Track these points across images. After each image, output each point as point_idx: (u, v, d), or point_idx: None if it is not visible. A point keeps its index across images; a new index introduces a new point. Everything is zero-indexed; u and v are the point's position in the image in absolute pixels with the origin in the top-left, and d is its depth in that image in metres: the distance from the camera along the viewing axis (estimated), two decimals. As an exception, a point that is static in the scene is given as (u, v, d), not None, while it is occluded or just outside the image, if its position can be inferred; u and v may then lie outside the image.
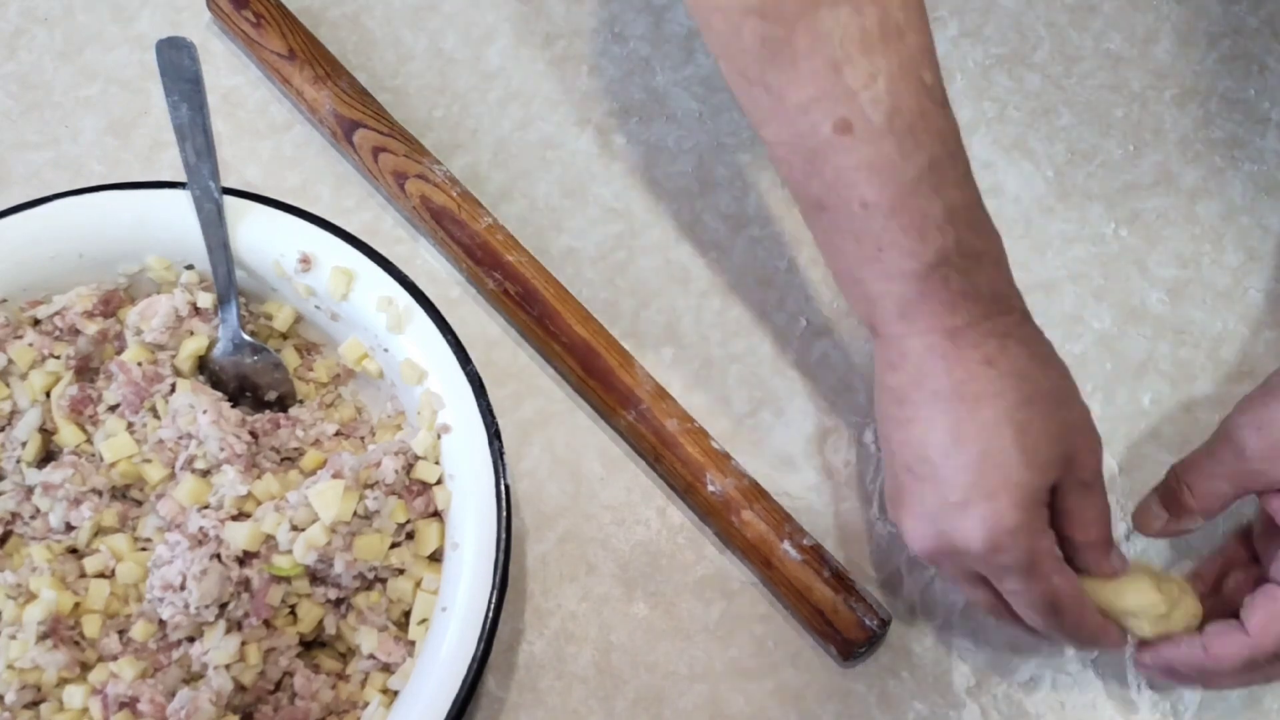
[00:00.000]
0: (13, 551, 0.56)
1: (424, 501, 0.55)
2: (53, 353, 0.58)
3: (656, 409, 0.62)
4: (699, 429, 0.62)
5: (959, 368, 0.49)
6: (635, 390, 0.62)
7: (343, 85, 0.70)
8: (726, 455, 0.61)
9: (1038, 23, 0.76)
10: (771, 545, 0.59)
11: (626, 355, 0.63)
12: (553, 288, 0.65)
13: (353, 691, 0.55)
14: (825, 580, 0.58)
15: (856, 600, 0.58)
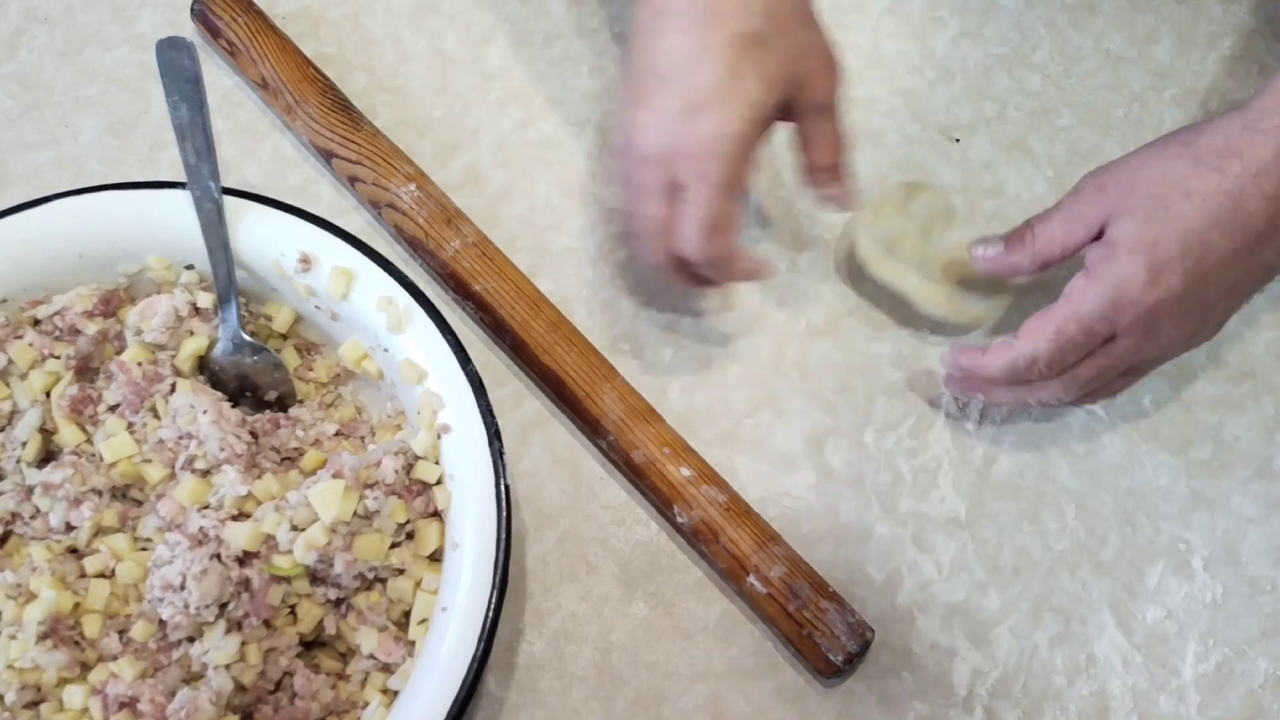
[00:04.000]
0: (13, 551, 0.56)
1: (424, 501, 0.55)
2: (53, 353, 0.58)
3: (624, 439, 0.61)
4: (670, 454, 0.61)
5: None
6: (601, 421, 0.62)
7: (311, 112, 0.69)
8: (701, 477, 0.61)
9: (1038, 23, 0.76)
10: (739, 577, 0.59)
11: (598, 379, 0.63)
12: (520, 313, 0.64)
13: (353, 691, 0.55)
14: (791, 615, 0.58)
15: (822, 634, 0.57)
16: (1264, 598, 0.61)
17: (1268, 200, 0.52)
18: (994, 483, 0.63)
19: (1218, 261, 0.53)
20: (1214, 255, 0.53)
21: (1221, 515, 0.63)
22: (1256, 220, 0.52)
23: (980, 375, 0.59)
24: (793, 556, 0.59)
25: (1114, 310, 0.54)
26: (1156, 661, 0.60)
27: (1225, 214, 0.53)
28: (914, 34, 0.75)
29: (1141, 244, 0.53)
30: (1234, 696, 0.59)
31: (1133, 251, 0.53)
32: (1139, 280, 0.53)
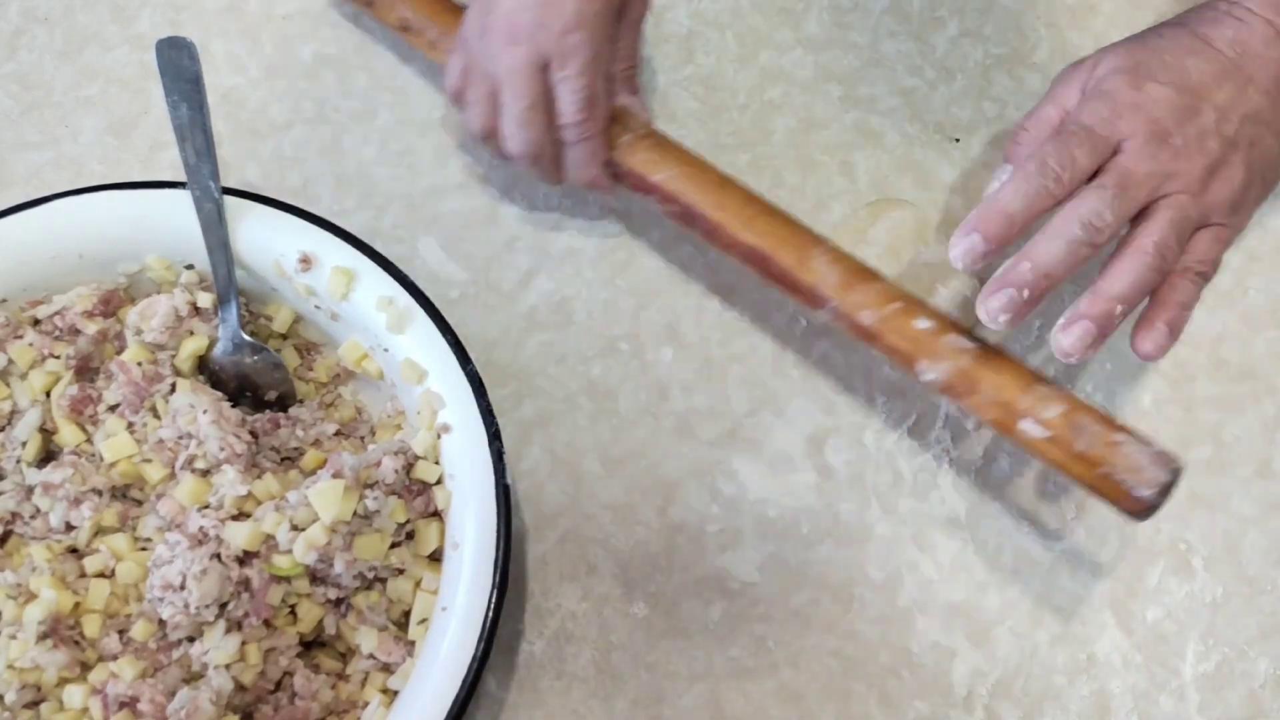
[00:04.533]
0: (13, 551, 0.56)
1: (424, 501, 0.55)
2: (53, 353, 0.58)
3: (847, 303, 0.57)
4: (902, 308, 0.56)
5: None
6: (819, 287, 0.57)
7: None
8: (943, 327, 0.55)
9: (1038, 23, 0.76)
10: (1009, 426, 0.54)
11: (806, 245, 0.59)
12: (710, 195, 0.61)
13: (353, 691, 0.55)
14: (1081, 455, 0.52)
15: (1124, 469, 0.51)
16: (1264, 598, 0.61)
17: (1229, 43, 0.56)
18: (994, 483, 0.63)
19: (1201, 81, 0.55)
20: (1196, 76, 0.55)
21: (1221, 515, 0.63)
22: (1226, 55, 0.56)
23: (998, 209, 0.52)
24: (1067, 394, 0.54)
25: (1111, 112, 0.54)
26: (1156, 661, 0.60)
27: (1196, 47, 0.56)
28: (914, 34, 0.75)
29: (1123, 67, 0.56)
30: (1234, 696, 0.59)
31: (1116, 71, 0.56)
32: (1125, 86, 0.55)
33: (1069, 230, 0.52)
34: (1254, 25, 0.56)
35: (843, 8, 0.76)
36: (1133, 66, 0.55)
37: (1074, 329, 0.52)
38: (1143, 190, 0.53)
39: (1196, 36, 0.56)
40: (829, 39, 0.74)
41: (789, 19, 0.76)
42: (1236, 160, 0.54)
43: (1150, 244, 0.52)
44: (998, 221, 0.52)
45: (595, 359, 0.66)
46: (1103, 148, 0.53)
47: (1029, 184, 0.52)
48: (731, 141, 0.72)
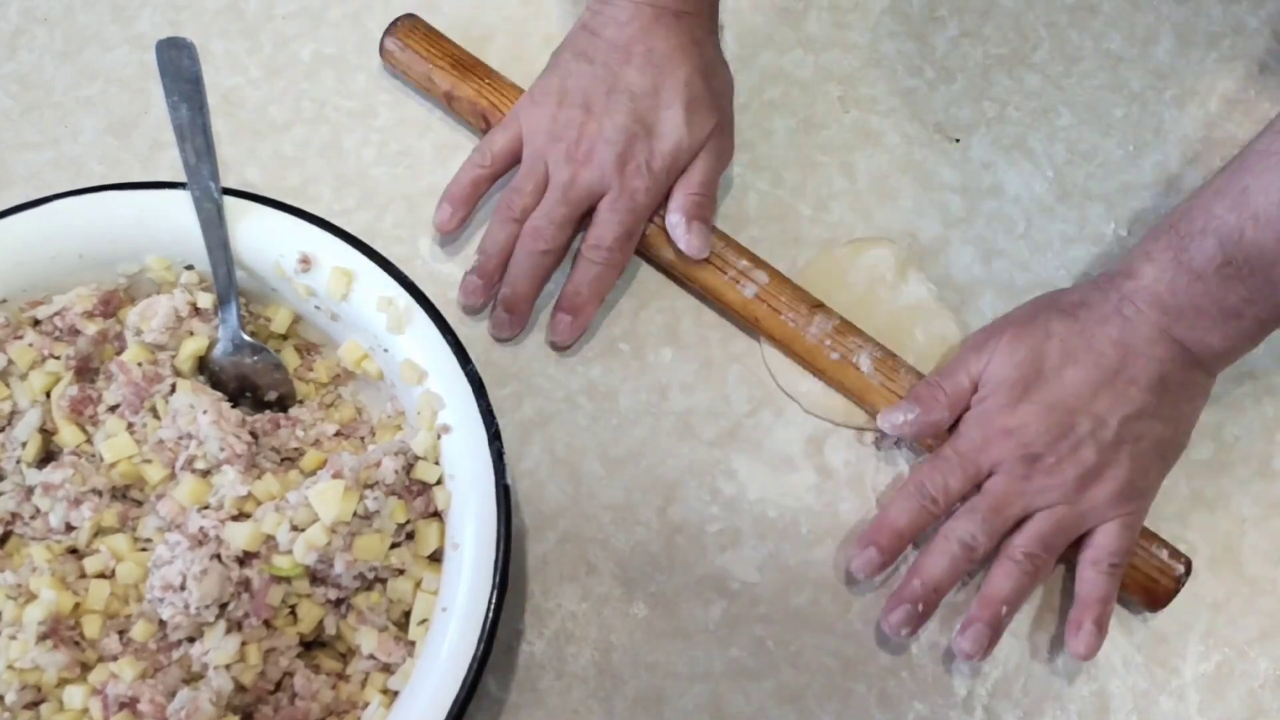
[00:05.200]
0: (13, 552, 0.56)
1: (424, 502, 0.55)
2: (53, 353, 0.58)
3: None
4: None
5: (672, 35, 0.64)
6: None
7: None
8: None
9: (1038, 23, 0.76)
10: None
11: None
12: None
13: (353, 692, 0.55)
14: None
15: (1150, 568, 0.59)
16: (1264, 598, 0.61)
17: (1113, 344, 0.58)
18: (994, 483, 0.63)
19: (1078, 394, 0.58)
20: (1072, 387, 0.58)
21: (1221, 515, 0.63)
22: (1109, 358, 0.58)
23: (887, 526, 0.59)
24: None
25: (983, 439, 0.58)
26: (1157, 662, 0.60)
27: (1078, 352, 0.58)
28: (914, 34, 0.75)
29: (1005, 382, 0.58)
30: (1234, 696, 0.59)
31: (996, 389, 0.59)
32: (1000, 409, 0.58)
33: (949, 549, 0.58)
34: (1140, 325, 0.58)
35: (843, 8, 0.76)
36: (1013, 382, 0.58)
37: (970, 633, 0.57)
38: (1014, 509, 0.58)
39: (1084, 336, 0.58)
40: (829, 39, 0.74)
41: (789, 19, 0.76)
42: (1120, 459, 0.57)
43: (1020, 554, 0.57)
44: (889, 536, 0.59)
45: (595, 359, 0.66)
46: (975, 472, 0.58)
47: (911, 504, 0.59)
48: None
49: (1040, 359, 0.58)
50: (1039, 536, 0.57)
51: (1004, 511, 0.58)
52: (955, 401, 0.60)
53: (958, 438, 0.59)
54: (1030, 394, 0.58)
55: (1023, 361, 0.58)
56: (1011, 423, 0.58)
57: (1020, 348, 0.59)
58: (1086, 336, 0.58)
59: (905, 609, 0.58)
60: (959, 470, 0.58)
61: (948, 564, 0.58)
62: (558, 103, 0.65)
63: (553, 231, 0.64)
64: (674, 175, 0.65)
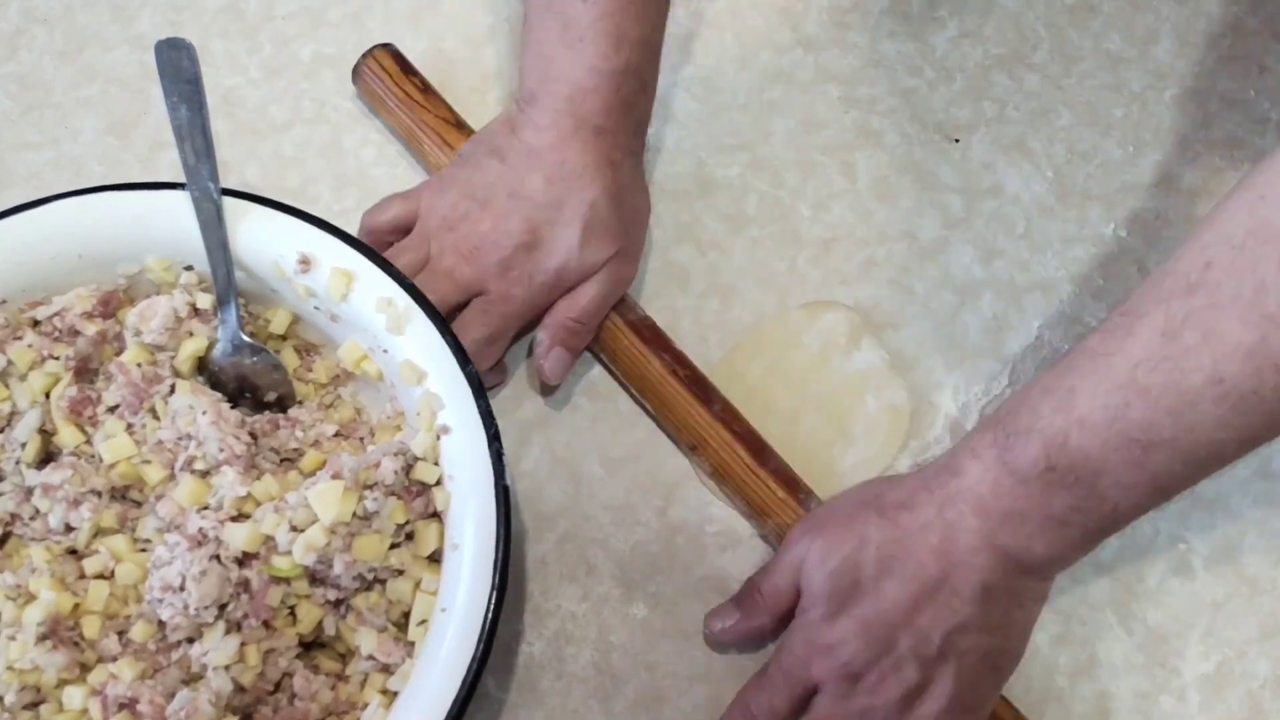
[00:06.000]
0: (12, 552, 0.56)
1: (423, 502, 0.55)
2: (52, 354, 0.58)
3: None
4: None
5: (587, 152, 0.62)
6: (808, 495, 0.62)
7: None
8: None
9: (1038, 23, 0.76)
10: None
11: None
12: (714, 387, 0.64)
13: (352, 692, 0.55)
14: None
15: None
16: (1264, 598, 0.61)
17: (934, 553, 0.53)
18: (994, 483, 0.63)
19: (897, 609, 0.54)
20: (891, 602, 0.54)
21: (1221, 515, 0.63)
22: (929, 569, 0.53)
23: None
24: None
25: (805, 656, 0.55)
26: (1157, 662, 0.60)
27: (896, 562, 0.54)
28: (914, 34, 0.75)
29: (822, 593, 0.55)
30: (1234, 696, 0.59)
31: (815, 600, 0.55)
32: (820, 622, 0.55)
33: None
34: (960, 532, 0.53)
35: (843, 8, 0.76)
36: (830, 593, 0.55)
37: None
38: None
39: (902, 544, 0.54)
40: (829, 39, 0.74)
41: (789, 19, 0.76)
42: (944, 675, 0.54)
43: None
44: None
45: (595, 359, 0.66)
46: (800, 690, 0.55)
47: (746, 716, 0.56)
48: (731, 142, 0.72)
49: (857, 569, 0.54)
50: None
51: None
52: (775, 606, 0.57)
53: (781, 652, 0.56)
54: (848, 607, 0.54)
55: (836, 571, 0.54)
56: (832, 638, 0.54)
57: (834, 555, 0.55)
58: (905, 544, 0.54)
59: None
60: (784, 690, 0.56)
61: None
62: (460, 193, 0.63)
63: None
64: (556, 293, 0.63)
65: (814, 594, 0.55)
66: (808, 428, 0.64)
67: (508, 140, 0.64)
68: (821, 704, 0.55)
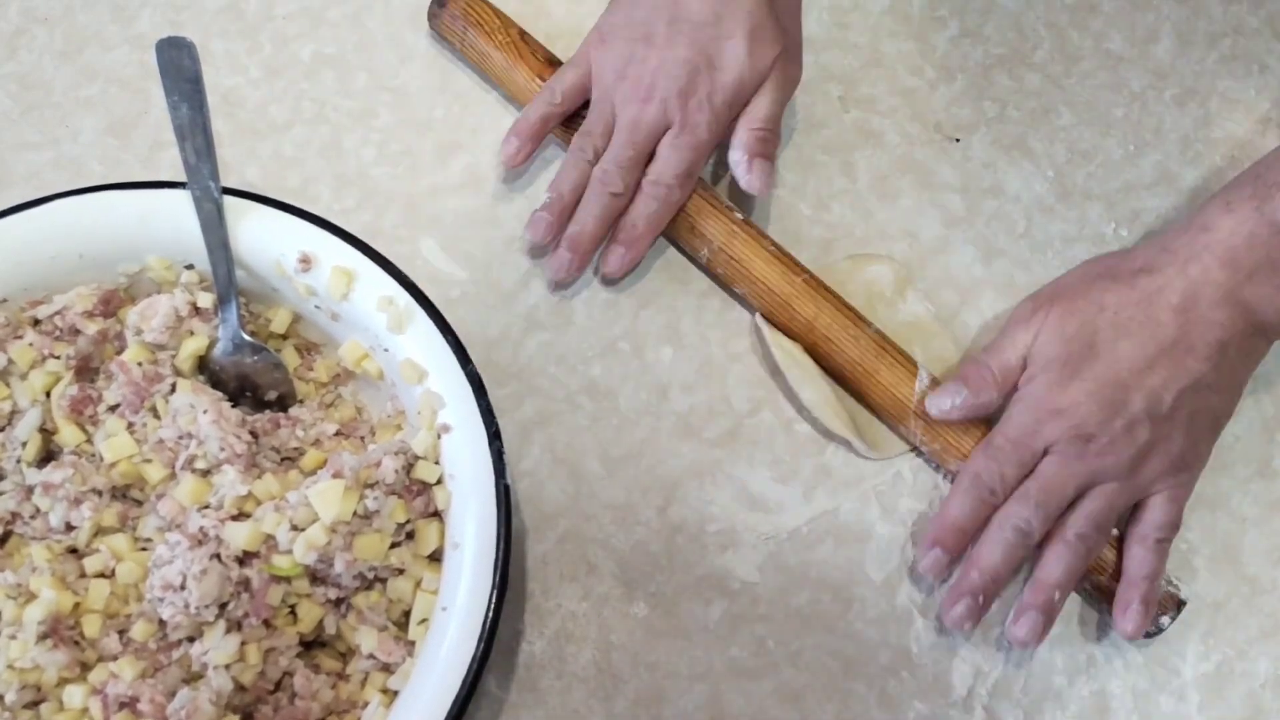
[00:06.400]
0: (13, 551, 0.56)
1: (424, 501, 0.55)
2: (53, 353, 0.58)
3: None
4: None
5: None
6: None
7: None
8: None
9: (1038, 23, 0.76)
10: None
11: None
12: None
13: (353, 691, 0.55)
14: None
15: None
16: (1264, 598, 0.61)
17: (1174, 311, 0.56)
18: (994, 483, 0.63)
19: (1132, 370, 0.56)
20: (1125, 363, 0.56)
21: (1221, 515, 0.63)
22: (1167, 329, 0.55)
23: (949, 524, 0.59)
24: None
25: (1035, 421, 0.57)
26: (1157, 661, 0.60)
27: (1135, 324, 0.56)
28: (914, 34, 0.75)
29: (1054, 359, 0.57)
30: (1234, 696, 0.59)
31: (1046, 367, 0.57)
32: (1050, 389, 0.57)
33: (1003, 537, 0.57)
34: (1205, 287, 0.55)
35: (843, 8, 0.76)
36: (1064, 358, 0.57)
37: (1023, 621, 0.57)
38: (1067, 491, 0.57)
39: (1141, 306, 0.56)
40: (829, 39, 0.74)
41: (789, 19, 0.76)
42: (1173, 433, 0.56)
43: (1073, 535, 0.57)
44: (952, 535, 0.58)
45: (595, 359, 0.66)
46: (1028, 457, 0.57)
47: (969, 499, 0.58)
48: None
49: (1092, 333, 0.56)
50: (1091, 516, 0.57)
51: (1057, 494, 0.57)
52: (1004, 380, 0.59)
53: (1008, 423, 0.58)
54: (1081, 371, 0.56)
55: (1073, 337, 0.57)
56: (1063, 403, 0.56)
57: (1071, 322, 0.57)
58: (1144, 306, 0.56)
59: (966, 602, 0.57)
60: (1013, 458, 0.57)
61: (1003, 552, 0.57)
62: (622, 37, 0.65)
63: (620, 175, 0.64)
64: (736, 109, 0.64)
65: (1045, 361, 0.57)
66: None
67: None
68: (1050, 465, 0.56)
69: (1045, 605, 0.57)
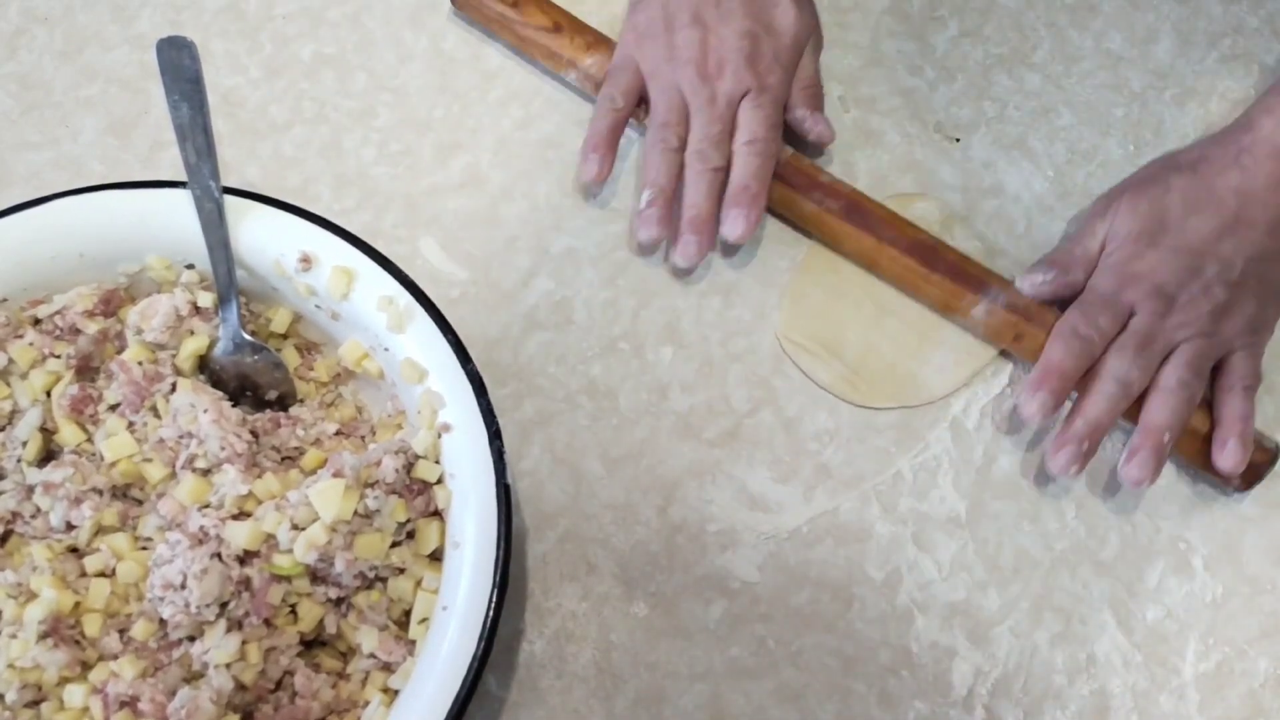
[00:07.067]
0: (13, 551, 0.56)
1: (424, 501, 0.55)
2: (53, 352, 0.58)
3: (1010, 292, 0.65)
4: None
5: None
6: (987, 278, 0.65)
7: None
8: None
9: (1038, 23, 0.76)
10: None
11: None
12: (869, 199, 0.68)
13: (353, 690, 0.55)
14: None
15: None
16: (1264, 597, 0.61)
17: (1234, 192, 0.62)
18: (994, 482, 0.63)
19: (1203, 240, 0.62)
20: (1196, 234, 0.62)
21: (1221, 515, 0.63)
22: (1229, 206, 0.62)
23: (1052, 369, 0.61)
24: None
25: (1119, 285, 0.62)
26: (1157, 661, 0.60)
27: (1200, 202, 0.62)
28: (914, 34, 0.75)
29: (1130, 235, 0.63)
30: (1234, 696, 0.59)
31: (1123, 242, 0.63)
32: (1130, 258, 0.62)
33: (1107, 388, 0.61)
34: (1258, 173, 0.62)
35: (843, 8, 0.76)
36: (1139, 233, 0.62)
37: (1136, 460, 0.60)
38: (1159, 344, 0.61)
39: (1204, 187, 0.62)
40: (829, 39, 0.74)
41: (789, 19, 0.76)
42: (1246, 296, 0.62)
43: (1174, 382, 0.61)
44: (1056, 379, 0.62)
45: (595, 359, 0.66)
46: (1120, 311, 0.62)
47: (1070, 346, 0.62)
48: (731, 141, 0.72)
49: (1163, 211, 0.62)
50: (1188, 364, 0.61)
51: (1151, 346, 0.61)
52: (1087, 265, 0.64)
53: (1095, 284, 0.63)
54: (1157, 241, 0.62)
55: (1146, 214, 0.62)
56: (1142, 268, 0.62)
57: (1142, 203, 0.63)
58: (1207, 187, 0.62)
59: (1071, 449, 0.61)
60: (1106, 310, 0.62)
61: (1106, 403, 0.61)
62: (667, 28, 0.67)
63: (716, 150, 0.66)
64: (796, 64, 0.68)
65: (1122, 237, 0.63)
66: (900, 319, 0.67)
67: None
68: (1140, 322, 0.62)
69: (1156, 446, 0.60)
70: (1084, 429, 0.61)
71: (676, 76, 0.67)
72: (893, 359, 0.66)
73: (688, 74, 0.66)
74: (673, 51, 0.67)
